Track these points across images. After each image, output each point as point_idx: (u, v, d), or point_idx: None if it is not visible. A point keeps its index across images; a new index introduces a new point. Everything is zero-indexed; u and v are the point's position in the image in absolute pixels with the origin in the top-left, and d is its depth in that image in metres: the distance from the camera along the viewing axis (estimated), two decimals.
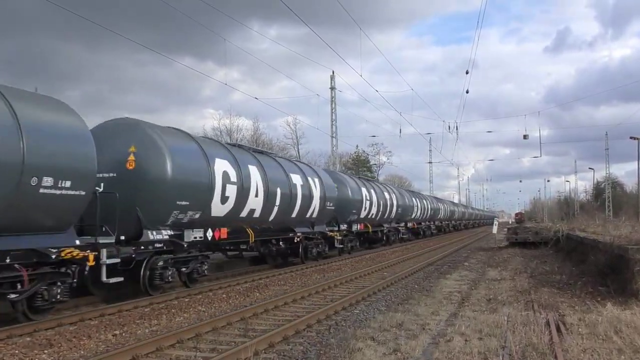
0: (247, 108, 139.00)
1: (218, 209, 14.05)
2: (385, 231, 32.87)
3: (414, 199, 42.26)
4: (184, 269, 13.51)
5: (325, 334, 9.01)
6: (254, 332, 9.07)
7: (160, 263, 12.54)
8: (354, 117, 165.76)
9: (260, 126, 66.45)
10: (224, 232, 14.70)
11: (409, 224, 40.21)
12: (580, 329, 8.90)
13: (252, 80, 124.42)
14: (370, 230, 29.23)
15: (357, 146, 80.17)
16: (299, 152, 61.01)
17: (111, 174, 11.88)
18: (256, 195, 15.79)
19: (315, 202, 20.32)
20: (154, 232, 12.21)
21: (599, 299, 11.96)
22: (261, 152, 18.88)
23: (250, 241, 16.31)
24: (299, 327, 9.25)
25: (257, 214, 16.08)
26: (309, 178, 20.16)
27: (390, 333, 8.83)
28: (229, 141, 18.57)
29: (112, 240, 11.03)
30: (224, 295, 12.98)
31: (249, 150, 17.65)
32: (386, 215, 32.17)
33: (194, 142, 13.94)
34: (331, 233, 22.87)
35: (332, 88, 38.98)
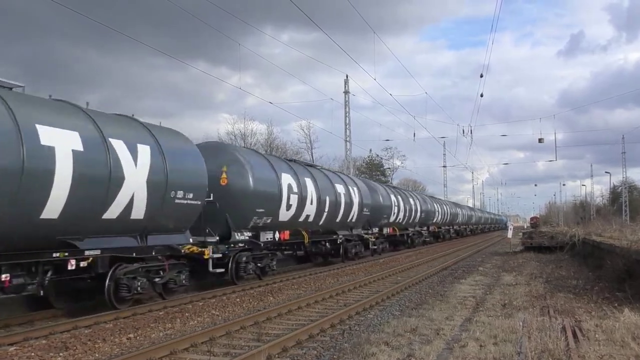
0: (260, 112, 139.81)
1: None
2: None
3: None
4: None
5: (339, 339, 8.99)
6: (267, 336, 9.07)
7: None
8: (367, 121, 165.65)
9: (274, 130, 66.53)
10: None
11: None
12: (597, 335, 8.78)
13: (265, 85, 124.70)
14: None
15: (370, 150, 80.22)
16: (312, 156, 61.03)
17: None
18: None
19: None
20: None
21: (616, 305, 11.79)
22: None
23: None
24: (312, 332, 9.23)
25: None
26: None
27: (404, 338, 8.78)
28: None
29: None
30: (238, 300, 13.00)
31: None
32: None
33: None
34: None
35: (346, 92, 38.93)
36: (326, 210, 19.99)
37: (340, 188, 21.78)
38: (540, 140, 46.38)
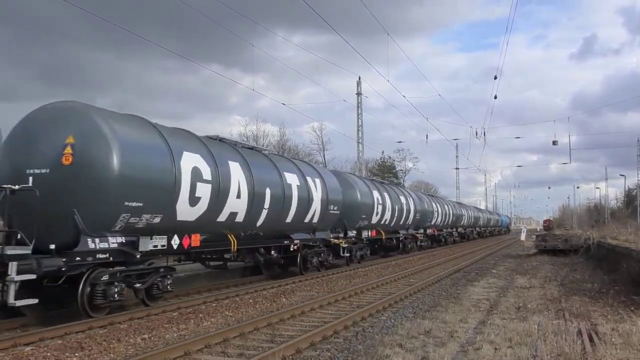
0: (273, 114, 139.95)
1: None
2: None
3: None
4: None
5: (353, 341, 8.97)
6: (281, 338, 9.07)
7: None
8: (379, 123, 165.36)
9: (286, 132, 66.56)
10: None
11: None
12: (613, 339, 8.70)
13: (277, 88, 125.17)
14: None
15: (382, 152, 79.96)
16: (324, 158, 61.07)
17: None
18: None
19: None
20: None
21: (632, 309, 11.68)
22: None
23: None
24: (326, 333, 9.22)
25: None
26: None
27: (418, 340, 8.75)
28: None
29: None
30: (251, 301, 13.01)
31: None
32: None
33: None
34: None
35: (359, 94, 38.93)
36: (266, 206, 15.28)
37: (292, 178, 17.05)
38: (554, 143, 46.16)
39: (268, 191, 15.44)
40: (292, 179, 17.09)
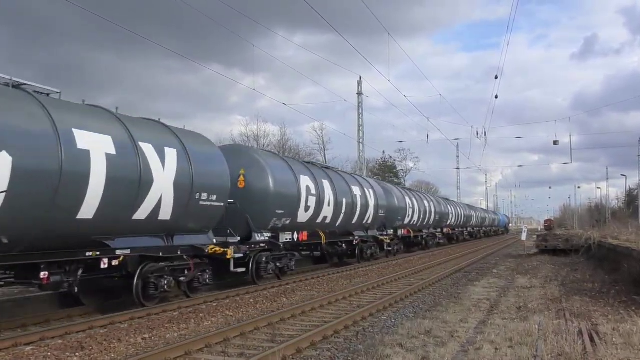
0: (273, 114, 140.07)
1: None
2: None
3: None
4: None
5: (353, 340, 8.97)
6: (281, 338, 9.07)
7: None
8: (380, 123, 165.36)
9: (287, 132, 66.53)
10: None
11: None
12: (614, 339, 8.68)
13: (277, 87, 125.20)
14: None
15: (383, 152, 79.98)
16: (325, 158, 61.00)
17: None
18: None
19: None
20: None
21: (633, 309, 11.67)
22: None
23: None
24: (326, 333, 9.22)
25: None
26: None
27: (418, 340, 8.74)
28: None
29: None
30: (252, 300, 13.01)
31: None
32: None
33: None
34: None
35: (359, 93, 38.90)
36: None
37: (356, 190, 22.09)
38: (555, 143, 46.13)
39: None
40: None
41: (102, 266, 10.44)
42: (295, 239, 17.48)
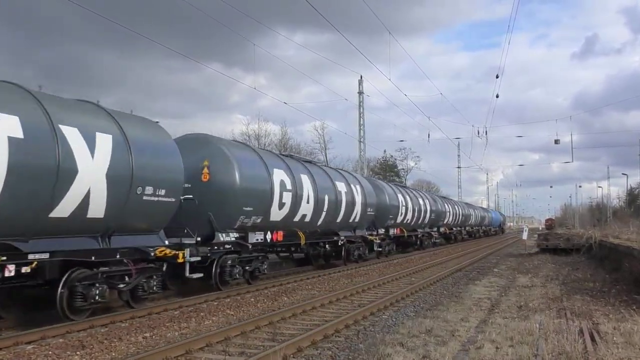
0: (274, 114, 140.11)
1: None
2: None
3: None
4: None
5: (354, 339, 8.97)
6: (282, 337, 9.07)
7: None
8: (381, 122, 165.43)
9: (287, 131, 66.56)
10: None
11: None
12: (615, 338, 8.68)
13: (278, 87, 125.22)
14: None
15: (384, 151, 79.90)
16: (326, 157, 61.05)
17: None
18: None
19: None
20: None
21: (634, 308, 11.66)
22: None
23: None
24: (327, 332, 9.22)
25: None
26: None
27: (419, 339, 8.74)
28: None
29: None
30: (252, 300, 13.02)
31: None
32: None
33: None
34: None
35: (360, 92, 38.90)
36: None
37: (341, 186, 20.38)
38: (556, 142, 46.06)
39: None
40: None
41: (7, 274, 8.54)
42: (269, 240, 15.66)
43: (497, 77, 34.90)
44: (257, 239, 15.13)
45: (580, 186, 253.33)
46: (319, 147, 62.89)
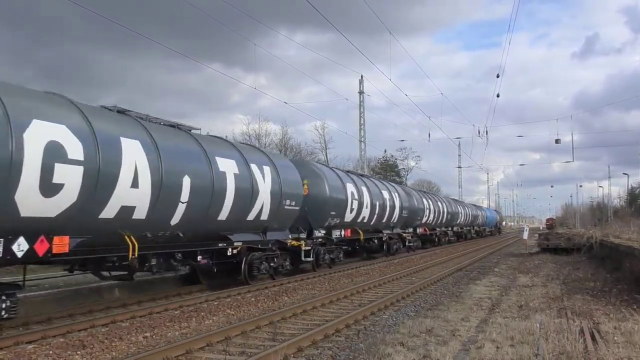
0: (275, 113, 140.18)
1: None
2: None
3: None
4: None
5: (354, 339, 8.97)
6: (282, 336, 9.07)
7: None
8: (381, 121, 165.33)
9: (288, 131, 66.54)
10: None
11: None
12: (615, 338, 8.67)
13: (279, 86, 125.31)
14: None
15: (385, 150, 79.85)
16: (327, 157, 60.99)
17: None
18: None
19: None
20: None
21: (634, 307, 11.65)
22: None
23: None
24: (327, 332, 9.22)
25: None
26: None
27: (419, 339, 8.73)
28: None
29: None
30: (253, 299, 13.02)
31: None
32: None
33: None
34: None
35: (361, 92, 38.86)
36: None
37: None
38: (557, 141, 45.94)
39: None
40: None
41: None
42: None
43: (497, 76, 34.87)
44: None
45: (581, 186, 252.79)
46: (320, 146, 62.83)
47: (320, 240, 19.73)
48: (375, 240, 25.91)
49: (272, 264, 16.14)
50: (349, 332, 9.48)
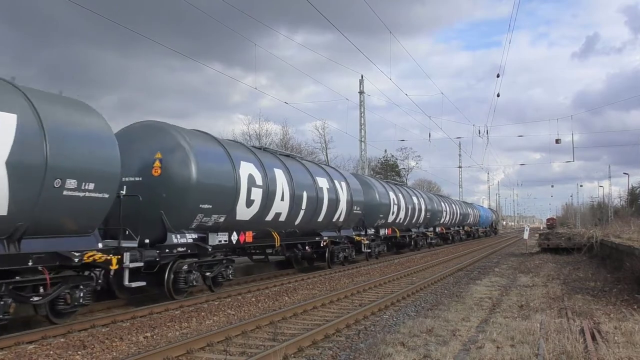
0: (275, 113, 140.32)
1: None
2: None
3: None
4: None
5: (355, 339, 8.97)
6: (283, 336, 9.07)
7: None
8: (382, 121, 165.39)
9: (288, 131, 66.51)
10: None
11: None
12: (616, 338, 8.67)
13: (279, 86, 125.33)
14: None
15: (385, 150, 79.93)
16: (327, 157, 61.04)
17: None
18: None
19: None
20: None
21: (635, 307, 11.65)
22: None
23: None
24: (328, 332, 9.22)
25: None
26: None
27: (420, 339, 8.73)
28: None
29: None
30: (253, 299, 13.02)
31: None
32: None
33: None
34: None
35: (361, 92, 38.91)
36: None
37: (323, 182, 18.79)
38: (557, 141, 45.94)
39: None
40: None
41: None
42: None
43: (497, 76, 35.13)
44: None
45: (581, 185, 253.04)
46: (320, 146, 62.89)
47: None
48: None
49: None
50: (349, 332, 9.49)
